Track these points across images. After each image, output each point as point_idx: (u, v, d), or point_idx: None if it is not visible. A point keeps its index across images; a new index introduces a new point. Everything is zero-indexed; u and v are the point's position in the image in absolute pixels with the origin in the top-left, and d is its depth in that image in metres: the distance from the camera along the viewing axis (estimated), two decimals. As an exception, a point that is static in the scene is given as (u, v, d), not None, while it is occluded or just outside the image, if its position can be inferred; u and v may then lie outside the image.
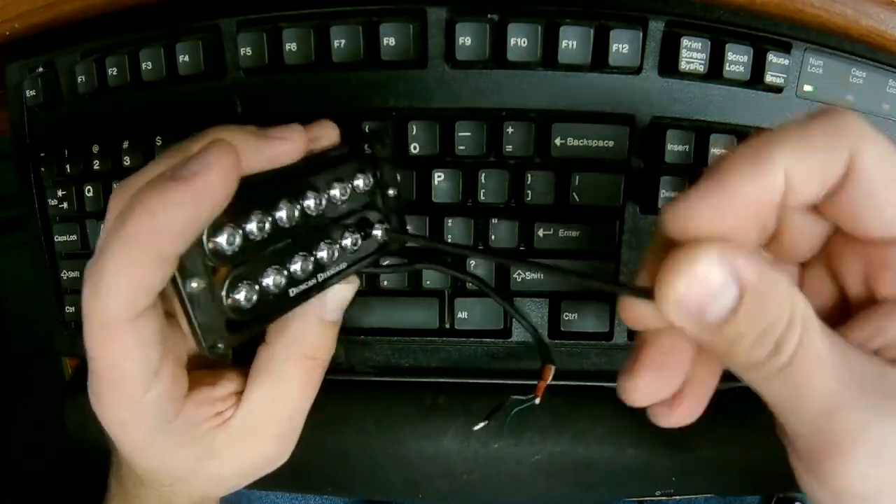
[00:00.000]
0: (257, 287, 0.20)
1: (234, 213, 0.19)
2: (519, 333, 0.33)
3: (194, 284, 0.19)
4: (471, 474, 0.34)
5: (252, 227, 0.20)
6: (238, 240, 0.19)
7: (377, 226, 0.24)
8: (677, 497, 0.37)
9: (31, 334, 0.95)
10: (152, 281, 0.18)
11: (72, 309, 0.36)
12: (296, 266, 0.22)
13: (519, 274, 0.31)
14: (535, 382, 0.34)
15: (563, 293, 0.32)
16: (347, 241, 0.23)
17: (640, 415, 0.34)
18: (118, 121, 0.34)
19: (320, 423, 0.26)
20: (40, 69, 0.35)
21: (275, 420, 0.24)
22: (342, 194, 0.23)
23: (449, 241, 0.31)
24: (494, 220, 0.31)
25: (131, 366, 0.19)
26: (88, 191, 0.34)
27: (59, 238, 0.36)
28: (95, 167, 0.34)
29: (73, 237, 0.35)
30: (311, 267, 0.22)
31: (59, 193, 0.35)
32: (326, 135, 0.23)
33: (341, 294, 0.25)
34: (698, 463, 0.34)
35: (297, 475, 0.35)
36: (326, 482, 0.36)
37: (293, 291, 0.22)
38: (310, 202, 0.22)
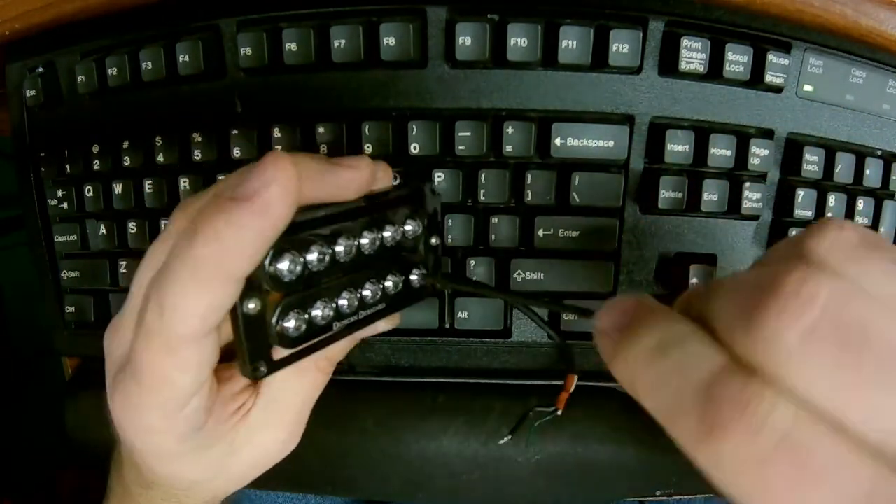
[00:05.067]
0: (306, 317, 0.21)
1: (297, 242, 0.19)
2: (519, 333, 0.33)
3: (251, 306, 0.19)
4: (471, 474, 0.34)
5: (313, 257, 0.20)
6: (298, 268, 0.19)
7: (415, 271, 0.25)
8: (677, 497, 0.37)
9: (31, 334, 0.95)
10: (221, 301, 0.18)
11: (72, 309, 0.36)
12: (343, 301, 0.22)
13: (519, 274, 0.31)
14: (538, 383, 0.34)
15: (563, 293, 0.32)
16: (390, 283, 0.24)
17: (639, 415, 0.34)
18: (118, 121, 0.34)
19: (320, 423, 0.26)
20: (40, 69, 0.35)
21: (291, 406, 0.25)
22: (393, 237, 0.23)
23: (474, 280, 0.31)
24: (494, 220, 0.31)
25: (185, 380, 0.19)
26: (88, 191, 0.34)
27: (59, 238, 0.36)
28: (95, 167, 0.34)
29: (73, 237, 0.35)
30: (356, 303, 0.22)
31: (59, 193, 0.35)
32: (383, 177, 0.23)
33: (381, 327, 0.25)
34: (698, 463, 0.34)
35: (297, 475, 0.35)
36: (326, 482, 0.36)
37: (336, 326, 0.22)
38: (366, 240, 0.22)
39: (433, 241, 0.25)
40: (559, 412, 0.27)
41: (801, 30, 0.32)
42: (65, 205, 0.35)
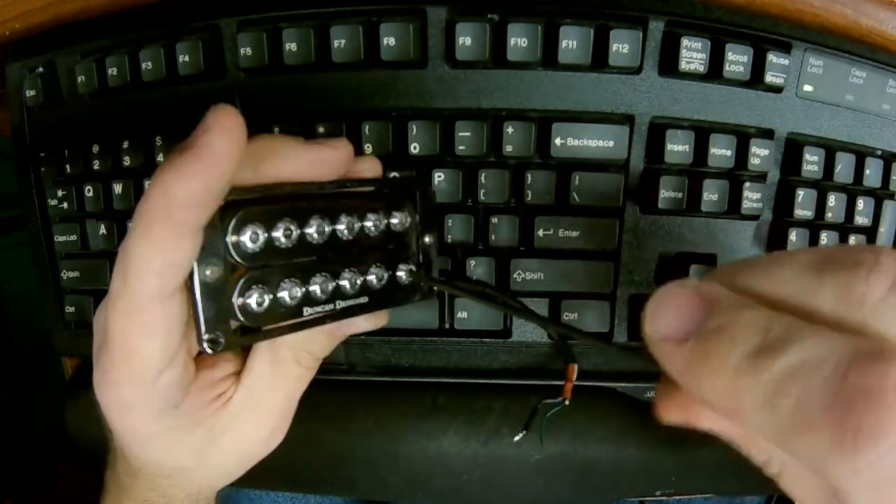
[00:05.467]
0: (271, 295, 0.20)
1: (265, 216, 0.19)
2: (519, 333, 0.33)
3: (208, 272, 0.19)
4: (471, 474, 0.34)
5: (279, 233, 0.20)
6: (262, 240, 0.19)
7: (402, 266, 0.24)
8: (677, 497, 0.37)
9: (31, 334, 0.95)
10: (179, 257, 0.18)
11: (72, 309, 0.36)
12: (315, 286, 0.21)
13: (519, 273, 0.31)
14: (538, 382, 0.34)
15: (563, 293, 0.32)
16: (372, 276, 0.23)
17: (639, 415, 0.34)
18: (118, 121, 0.34)
19: (320, 423, 0.26)
20: (40, 69, 0.35)
21: (273, 397, 0.25)
22: (375, 227, 0.22)
23: (475, 279, 0.31)
24: (494, 220, 0.31)
25: (152, 347, 0.19)
26: (88, 191, 0.34)
27: (59, 238, 0.36)
28: (95, 167, 0.34)
29: (73, 237, 0.35)
30: (330, 290, 0.22)
31: (59, 193, 0.35)
32: (371, 167, 0.23)
33: (363, 325, 0.25)
34: (698, 463, 0.34)
35: (297, 474, 0.35)
36: (326, 482, 0.36)
37: (307, 311, 0.21)
38: (342, 226, 0.21)
39: (427, 238, 0.25)
40: (567, 402, 0.27)
41: (801, 30, 0.32)
42: (65, 205, 0.35)
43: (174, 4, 0.33)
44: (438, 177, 0.31)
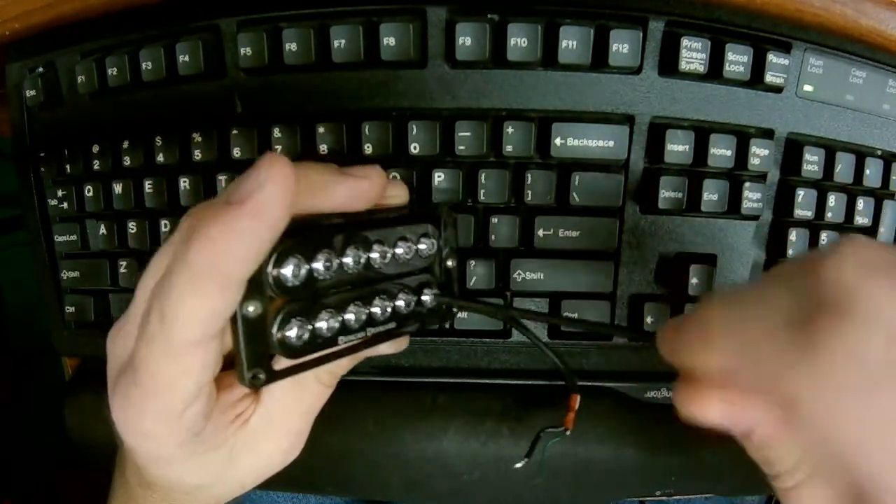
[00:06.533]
0: (310, 327, 0.20)
1: (304, 248, 0.19)
2: (518, 334, 0.32)
3: (251, 308, 0.18)
4: (471, 474, 0.34)
5: (319, 265, 0.20)
6: (303, 274, 0.19)
7: (427, 291, 0.24)
8: (677, 497, 0.37)
9: (31, 334, 0.95)
10: (222, 306, 0.18)
11: (72, 309, 0.36)
12: (350, 315, 0.21)
13: (519, 273, 0.31)
14: (538, 383, 0.34)
15: (563, 293, 0.32)
16: (401, 302, 0.23)
17: (640, 415, 0.34)
18: (118, 121, 0.34)
19: (321, 423, 0.26)
20: (40, 69, 0.35)
21: (292, 415, 0.25)
22: (406, 254, 0.23)
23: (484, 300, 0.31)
24: (494, 220, 0.31)
25: (186, 385, 0.19)
26: (88, 191, 0.34)
27: (59, 238, 0.36)
28: (95, 167, 0.34)
29: (73, 237, 0.35)
30: (363, 319, 0.22)
31: (59, 193, 0.35)
32: (398, 194, 0.23)
33: (386, 349, 0.25)
34: (698, 463, 0.34)
35: (297, 475, 0.35)
36: (326, 482, 0.36)
37: (342, 340, 0.22)
38: (375, 255, 0.22)
39: (449, 262, 0.25)
40: (569, 432, 0.27)
41: (801, 30, 0.32)
42: (65, 205, 0.35)
43: (174, 4, 0.33)
44: (438, 177, 0.31)
